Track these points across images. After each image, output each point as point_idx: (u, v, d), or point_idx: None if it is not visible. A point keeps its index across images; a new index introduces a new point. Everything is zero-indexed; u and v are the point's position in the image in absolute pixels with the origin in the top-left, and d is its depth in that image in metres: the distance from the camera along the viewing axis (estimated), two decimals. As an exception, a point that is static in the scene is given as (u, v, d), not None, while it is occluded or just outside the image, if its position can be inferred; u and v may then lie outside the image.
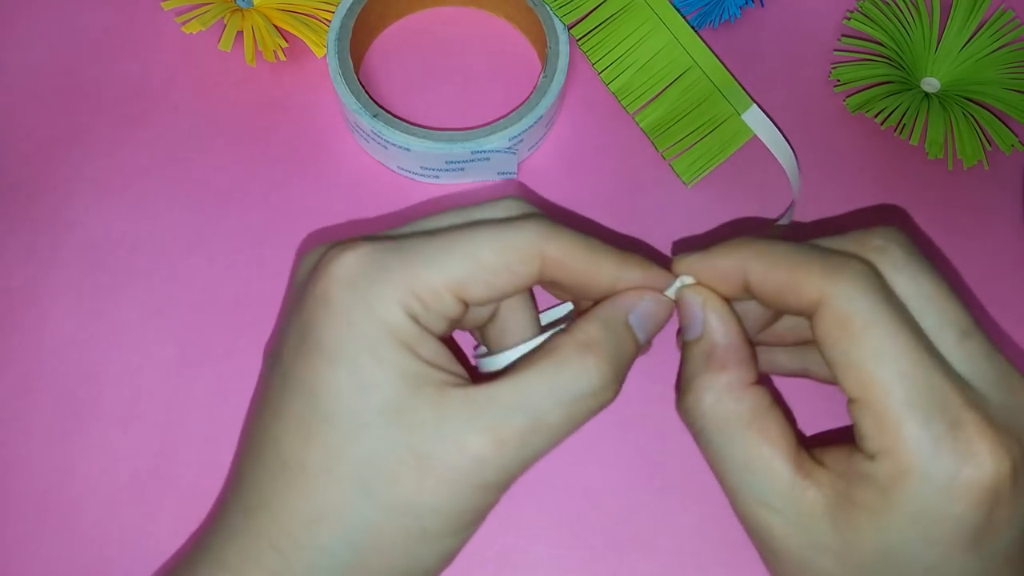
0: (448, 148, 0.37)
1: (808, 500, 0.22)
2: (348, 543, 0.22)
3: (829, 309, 0.22)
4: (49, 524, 0.33)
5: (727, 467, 0.24)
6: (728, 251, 0.25)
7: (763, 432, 0.23)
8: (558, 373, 0.23)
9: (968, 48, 0.41)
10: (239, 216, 0.38)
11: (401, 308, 0.23)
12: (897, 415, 0.21)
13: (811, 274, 0.22)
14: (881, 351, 0.21)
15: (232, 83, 0.41)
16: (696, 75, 0.40)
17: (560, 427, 0.23)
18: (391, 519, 0.22)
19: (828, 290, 0.22)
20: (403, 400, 0.22)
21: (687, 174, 0.39)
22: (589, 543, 0.33)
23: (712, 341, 0.25)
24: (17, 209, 0.38)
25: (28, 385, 0.35)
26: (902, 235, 0.24)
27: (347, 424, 0.22)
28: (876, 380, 0.21)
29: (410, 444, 0.22)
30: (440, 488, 0.22)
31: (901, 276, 0.23)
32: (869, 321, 0.21)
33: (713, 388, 0.24)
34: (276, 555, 0.23)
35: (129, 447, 0.34)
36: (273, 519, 0.23)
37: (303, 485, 0.23)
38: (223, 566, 0.23)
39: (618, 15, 0.40)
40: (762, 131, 0.40)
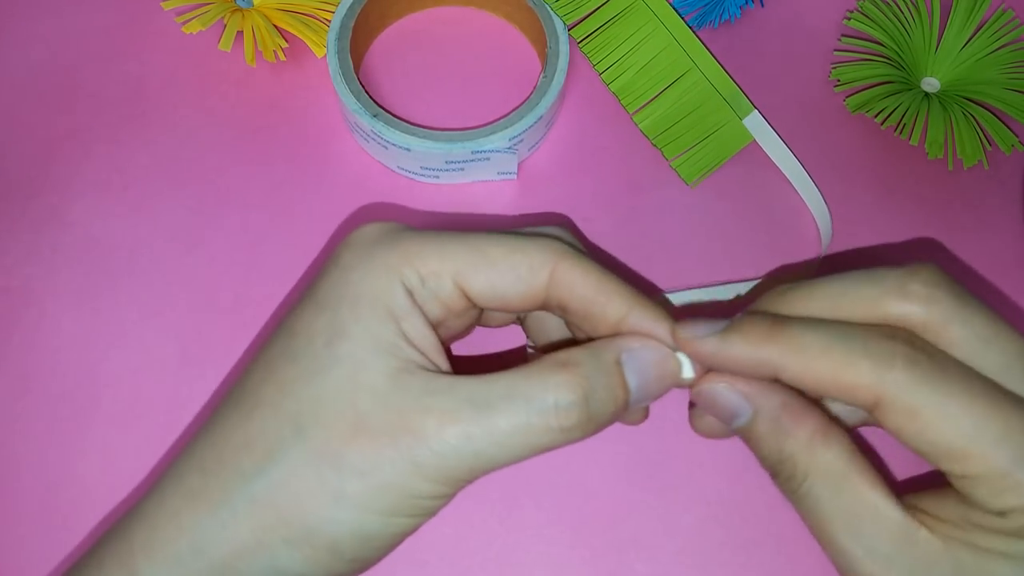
0: (448, 148, 0.37)
1: (923, 544, 0.21)
2: (266, 475, 0.22)
3: (893, 406, 0.21)
4: (49, 524, 0.33)
5: (834, 521, 0.22)
6: (751, 342, 0.22)
7: (864, 476, 0.22)
8: (523, 379, 0.22)
9: (968, 48, 0.41)
10: (239, 216, 0.38)
11: (397, 277, 0.23)
12: (1012, 476, 0.20)
13: (862, 374, 0.21)
14: (966, 428, 0.20)
15: (232, 83, 0.41)
16: (696, 77, 0.40)
17: (510, 437, 0.22)
18: (313, 465, 0.22)
19: (885, 389, 0.21)
20: (364, 359, 0.22)
21: (689, 175, 0.39)
22: (589, 543, 0.33)
23: (774, 412, 0.23)
24: (17, 209, 0.38)
25: (28, 385, 0.35)
26: (943, 276, 0.22)
27: (306, 366, 0.23)
28: (975, 456, 0.20)
29: (354, 401, 0.22)
30: (369, 450, 0.22)
31: (953, 324, 0.21)
32: (940, 404, 0.20)
33: (800, 446, 0.22)
34: (199, 475, 0.23)
35: (129, 447, 0.34)
36: (210, 442, 0.23)
37: (246, 414, 0.23)
38: (155, 488, 0.24)
39: (619, 16, 0.40)
40: (763, 138, 0.40)
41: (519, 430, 0.22)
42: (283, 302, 0.37)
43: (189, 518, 0.23)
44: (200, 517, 0.22)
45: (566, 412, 0.22)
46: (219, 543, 0.22)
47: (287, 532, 0.22)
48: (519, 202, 0.39)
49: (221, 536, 0.22)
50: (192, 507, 0.23)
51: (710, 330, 0.23)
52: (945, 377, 0.21)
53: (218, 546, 0.22)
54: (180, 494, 0.23)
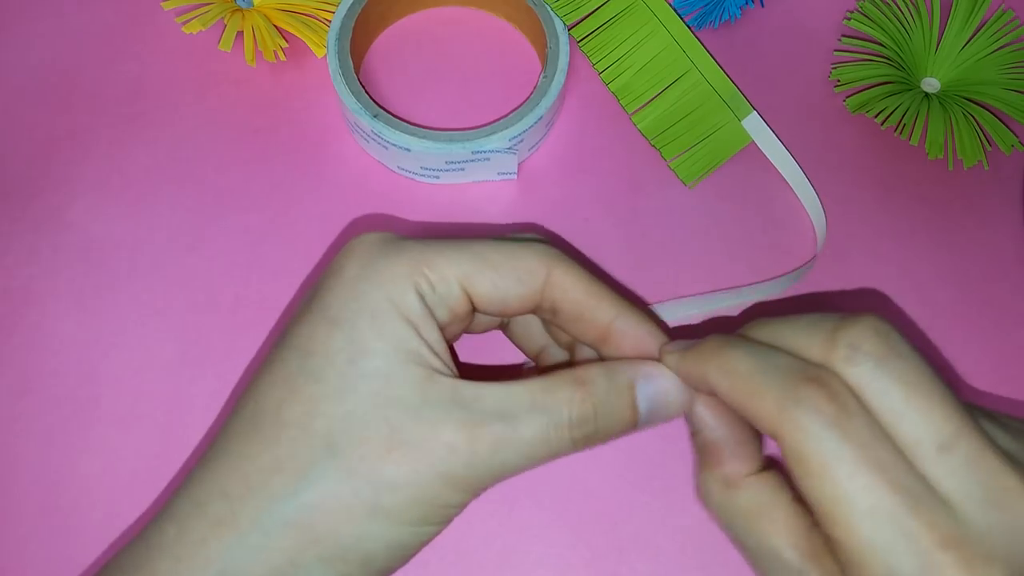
0: (448, 148, 0.37)
1: None
2: (299, 497, 0.22)
3: (786, 445, 0.21)
4: (49, 524, 0.33)
5: (744, 553, 0.23)
6: (698, 358, 0.24)
7: (768, 523, 0.22)
8: (545, 393, 0.23)
9: (968, 48, 0.41)
10: (239, 216, 0.38)
11: (410, 284, 0.24)
12: (867, 560, 0.20)
13: (766, 405, 0.21)
14: (841, 491, 0.20)
15: (232, 83, 0.41)
16: (695, 78, 0.40)
17: (532, 447, 0.23)
18: (348, 483, 0.22)
19: (783, 426, 0.21)
20: (392, 372, 0.23)
21: (687, 176, 0.39)
22: (589, 543, 0.33)
23: (704, 437, 0.24)
24: (17, 209, 0.38)
25: (28, 385, 0.35)
26: (876, 333, 0.21)
27: (333, 384, 0.23)
28: (840, 522, 0.20)
29: (387, 416, 0.22)
30: (404, 464, 0.22)
31: (870, 389, 0.21)
32: (825, 459, 0.20)
33: (713, 483, 0.24)
34: (223, 502, 0.23)
35: (129, 447, 0.34)
36: (231, 466, 0.23)
37: (272, 436, 0.23)
38: (171, 517, 0.23)
39: (618, 16, 0.40)
40: (761, 139, 0.40)
41: (540, 440, 0.23)
42: (283, 302, 0.37)
43: (217, 546, 0.22)
44: (229, 544, 0.22)
45: (579, 425, 0.24)
46: (250, 569, 0.22)
47: (321, 551, 0.22)
48: (519, 202, 0.39)
49: (253, 561, 0.22)
50: (219, 535, 0.22)
51: (683, 346, 0.24)
52: (844, 434, 0.20)
53: (249, 572, 0.22)
54: (205, 523, 0.23)
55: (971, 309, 0.37)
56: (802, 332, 0.22)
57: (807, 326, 0.22)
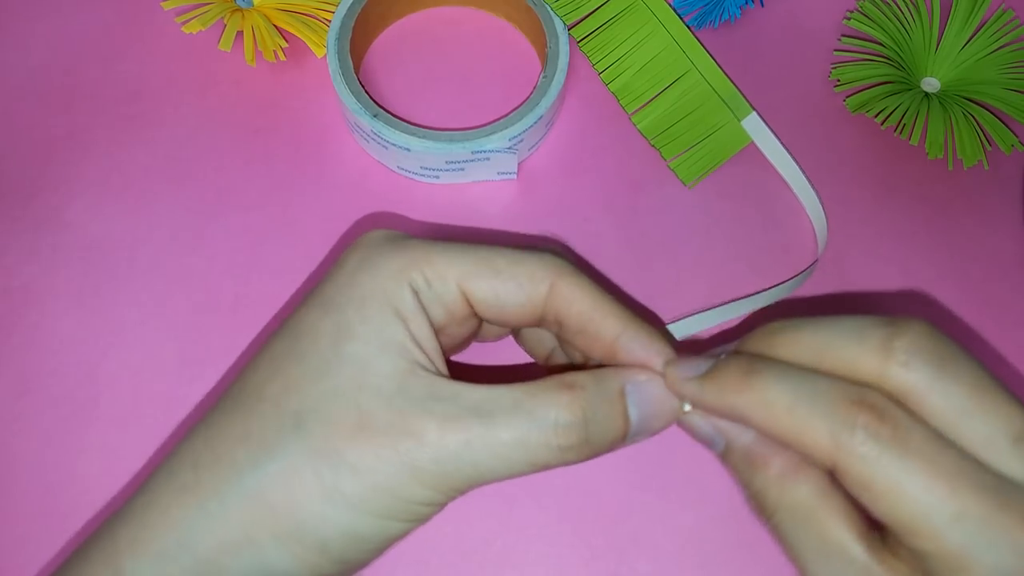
0: (448, 148, 0.37)
1: None
2: (260, 468, 0.22)
3: (848, 474, 0.20)
4: (48, 524, 0.33)
5: (803, 553, 0.22)
6: (723, 390, 0.22)
7: (832, 513, 0.22)
8: (529, 396, 0.23)
9: (968, 48, 0.41)
10: (239, 216, 0.38)
11: (404, 278, 0.23)
12: (966, 565, 0.19)
13: (818, 439, 0.20)
14: (919, 506, 0.19)
15: (232, 83, 0.41)
16: (694, 78, 0.40)
17: (508, 450, 0.22)
18: (310, 461, 0.22)
19: (840, 457, 0.20)
20: (371, 359, 0.23)
21: (687, 175, 0.39)
22: (589, 543, 0.33)
23: (740, 446, 0.23)
24: (17, 209, 0.38)
25: (28, 385, 0.35)
26: (931, 337, 0.21)
27: (313, 365, 0.23)
28: (926, 535, 0.20)
29: (359, 401, 0.22)
30: (367, 449, 0.22)
31: (932, 394, 0.20)
32: (894, 478, 0.20)
33: (769, 483, 0.22)
34: (191, 471, 0.23)
35: (129, 447, 0.34)
36: (206, 438, 0.23)
37: (247, 409, 0.23)
38: (144, 487, 0.23)
39: (618, 16, 0.40)
40: (761, 139, 0.40)
41: (518, 443, 0.22)
42: (283, 302, 0.37)
43: (177, 512, 0.22)
44: (189, 511, 0.22)
45: (565, 431, 0.23)
46: (206, 537, 0.22)
47: (276, 528, 0.22)
48: (519, 202, 0.39)
49: (208, 529, 0.22)
50: (181, 501, 0.22)
51: (695, 371, 0.23)
52: (906, 451, 0.20)
53: (205, 540, 0.22)
54: (171, 489, 0.23)
55: (971, 309, 0.37)
56: (852, 340, 0.22)
57: (855, 334, 0.22)
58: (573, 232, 0.38)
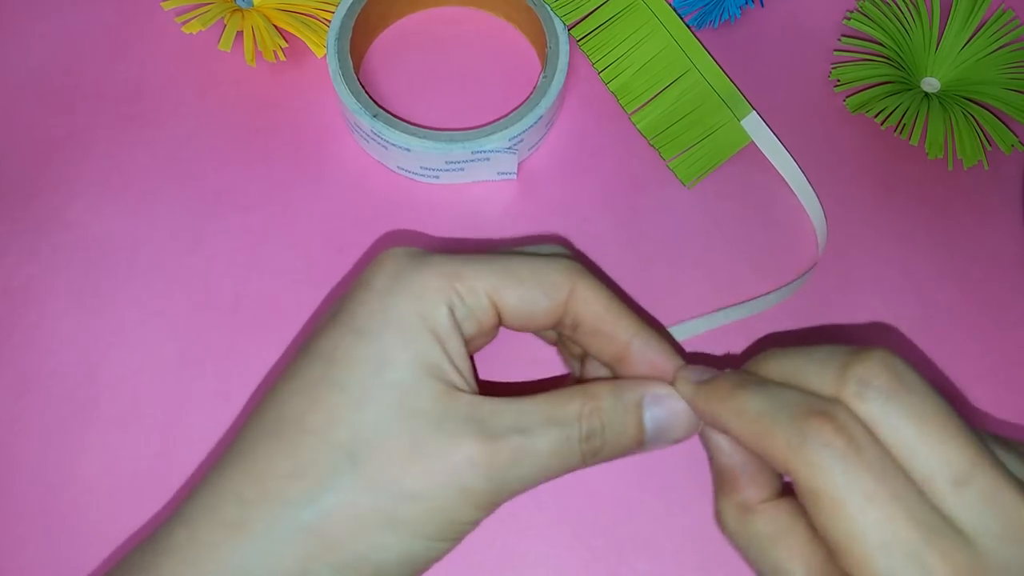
0: (448, 148, 0.37)
1: None
2: (317, 504, 0.22)
3: (799, 481, 0.21)
4: (49, 524, 0.33)
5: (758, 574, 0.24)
6: (711, 399, 0.24)
7: (784, 549, 0.23)
8: (557, 407, 0.24)
9: (968, 48, 0.41)
10: (239, 216, 0.38)
11: (441, 297, 0.24)
12: None
13: (777, 443, 0.21)
14: (855, 526, 0.20)
15: (232, 83, 0.41)
16: (694, 78, 0.40)
17: (547, 460, 0.23)
18: (366, 492, 0.22)
19: (794, 464, 0.21)
20: (414, 384, 0.23)
21: (686, 176, 0.39)
22: (589, 543, 0.33)
23: (721, 463, 0.24)
24: (17, 209, 0.38)
25: (28, 385, 0.35)
26: (886, 368, 0.21)
27: (355, 394, 0.23)
28: (855, 556, 0.20)
29: (408, 428, 0.23)
30: (424, 476, 0.22)
31: (882, 425, 0.21)
32: (837, 495, 0.20)
33: (730, 508, 0.24)
34: (237, 506, 0.22)
35: (129, 447, 0.34)
36: (247, 471, 0.23)
37: (293, 443, 0.23)
38: (183, 520, 0.23)
39: (618, 16, 0.40)
40: (760, 139, 0.40)
41: (554, 453, 0.24)
42: (283, 302, 0.37)
43: (229, 550, 0.22)
44: (242, 548, 0.22)
45: (588, 439, 0.24)
46: (261, 573, 0.22)
47: (333, 558, 0.22)
48: (519, 202, 0.39)
49: (263, 566, 0.22)
50: (232, 539, 0.22)
51: (697, 377, 0.25)
52: (855, 466, 0.20)
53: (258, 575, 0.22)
54: (216, 525, 0.23)
55: (971, 309, 0.37)
56: (813, 367, 0.22)
57: (818, 361, 0.22)
58: (573, 232, 0.38)
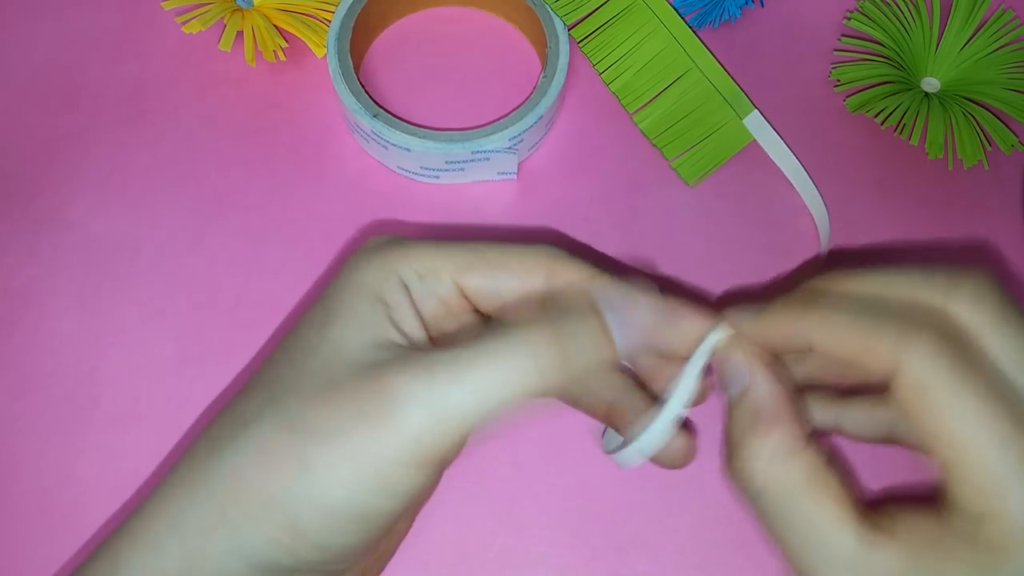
0: (448, 148, 0.37)
1: (880, 565, 0.20)
2: (236, 444, 0.22)
3: (907, 378, 0.20)
4: (49, 524, 0.33)
5: (787, 535, 0.21)
6: (790, 314, 0.23)
7: (821, 496, 0.21)
8: (500, 334, 0.22)
9: (968, 48, 0.41)
10: (239, 216, 0.38)
11: (393, 271, 0.24)
12: (1001, 480, 0.19)
13: (882, 345, 0.21)
14: (972, 419, 0.20)
15: (232, 83, 0.41)
16: (696, 77, 0.40)
17: (487, 385, 0.21)
18: (280, 431, 0.21)
19: (904, 359, 0.20)
20: (347, 340, 0.23)
21: (689, 175, 0.39)
22: (589, 543, 0.33)
23: (758, 401, 0.23)
24: (18, 209, 0.38)
25: (28, 385, 0.35)
26: (996, 285, 0.21)
27: (297, 349, 0.24)
28: (972, 448, 0.20)
29: (327, 369, 0.22)
30: (333, 411, 0.21)
31: (993, 336, 0.21)
32: (953, 387, 0.20)
33: (762, 453, 0.22)
34: (187, 463, 0.23)
35: (129, 447, 0.34)
36: (219, 419, 0.23)
37: (239, 397, 0.24)
38: (166, 480, 0.24)
39: (619, 16, 0.40)
40: (763, 137, 0.40)
41: (497, 377, 0.21)
42: (283, 302, 0.37)
43: (170, 500, 0.23)
44: (179, 497, 0.22)
45: (545, 351, 0.22)
46: (190, 520, 0.22)
47: (248, 504, 0.21)
48: (519, 202, 0.39)
49: (194, 513, 0.22)
50: (174, 490, 0.23)
51: (748, 314, 0.24)
52: (967, 367, 0.20)
53: (189, 524, 0.22)
54: (169, 481, 0.23)
55: None
56: (917, 278, 0.22)
57: (920, 273, 0.22)
58: (573, 232, 0.38)
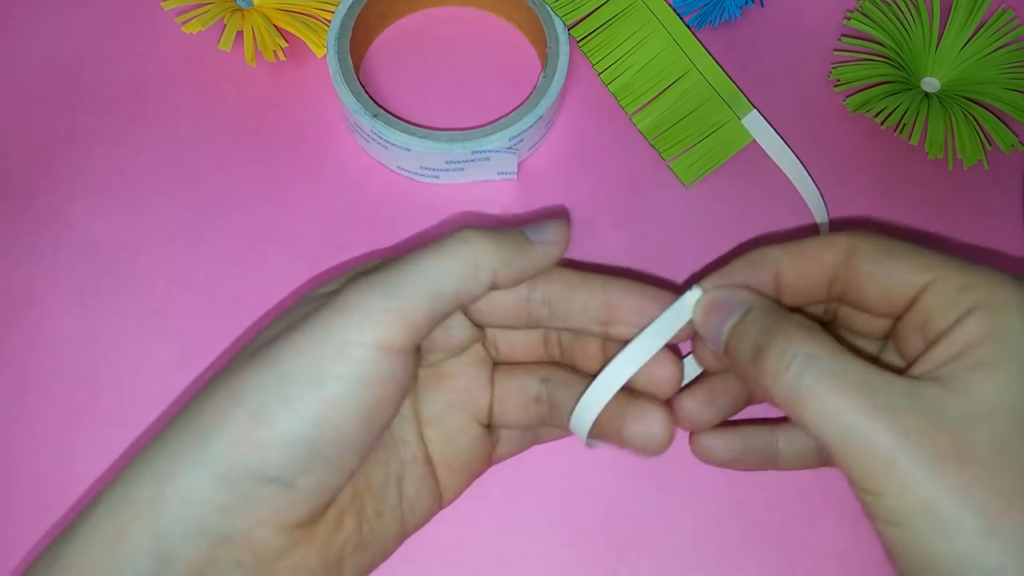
0: (448, 148, 0.37)
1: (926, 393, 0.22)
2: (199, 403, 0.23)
3: (864, 250, 0.24)
4: (49, 524, 0.33)
5: (832, 387, 0.22)
6: (749, 260, 0.26)
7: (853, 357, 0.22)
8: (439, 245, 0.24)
9: (968, 48, 0.41)
10: (239, 216, 0.38)
11: None
12: (966, 291, 0.22)
13: (837, 239, 0.25)
14: (929, 264, 0.23)
15: (232, 83, 0.41)
16: (695, 78, 0.40)
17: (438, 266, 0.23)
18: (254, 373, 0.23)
19: (858, 239, 0.25)
20: None
21: (686, 175, 0.39)
22: (589, 543, 0.33)
23: (772, 310, 0.24)
24: (17, 209, 0.38)
25: (28, 385, 0.35)
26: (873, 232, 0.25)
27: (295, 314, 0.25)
28: (935, 279, 0.23)
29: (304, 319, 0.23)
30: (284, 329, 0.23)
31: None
32: (905, 252, 0.24)
33: (795, 326, 0.23)
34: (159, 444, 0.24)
35: (129, 447, 0.34)
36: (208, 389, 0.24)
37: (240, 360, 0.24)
38: None
39: (618, 17, 0.40)
40: (762, 137, 0.40)
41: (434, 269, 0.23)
42: (282, 302, 0.37)
43: (142, 455, 0.24)
44: (153, 444, 0.24)
45: (476, 243, 0.24)
46: (163, 451, 0.23)
47: (214, 410, 0.23)
48: (519, 202, 0.39)
49: (165, 444, 0.23)
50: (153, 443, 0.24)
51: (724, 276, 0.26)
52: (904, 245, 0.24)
53: (162, 453, 0.23)
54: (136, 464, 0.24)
55: None
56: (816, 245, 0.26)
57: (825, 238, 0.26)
58: (573, 232, 0.38)
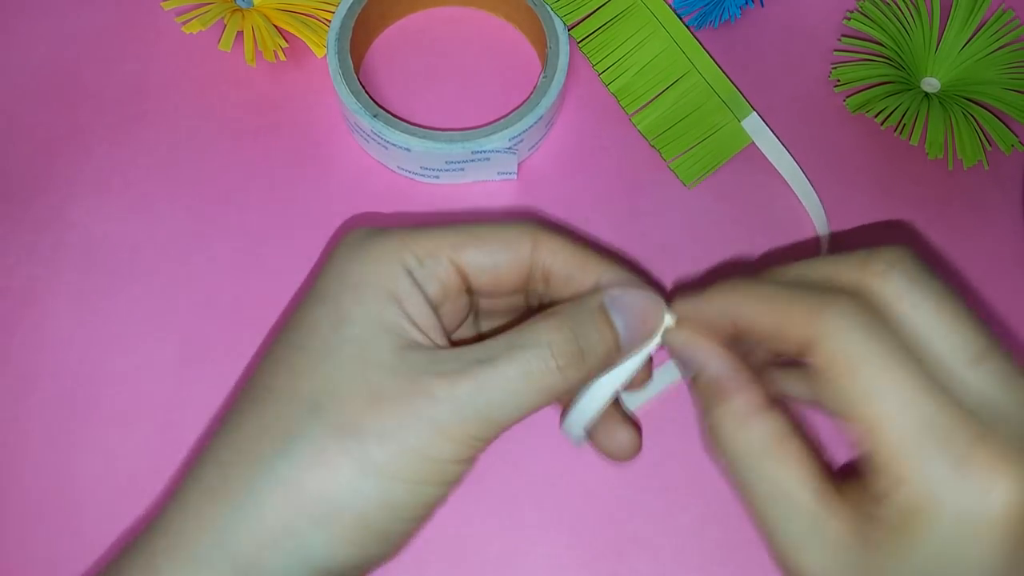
0: (448, 148, 0.37)
1: (833, 531, 0.21)
2: (287, 456, 0.22)
3: (818, 349, 0.21)
4: (49, 524, 0.33)
5: (753, 499, 0.23)
6: (716, 295, 0.25)
7: (783, 458, 0.22)
8: (519, 334, 0.24)
9: (968, 48, 0.41)
10: (239, 216, 0.38)
11: (395, 259, 0.24)
12: (899, 451, 0.20)
13: (796, 316, 0.22)
14: (875, 387, 0.20)
15: (232, 83, 0.41)
16: (694, 79, 0.40)
17: (516, 383, 0.23)
18: (334, 439, 0.22)
19: (815, 331, 0.21)
20: (372, 340, 0.23)
21: (687, 176, 0.39)
22: (589, 543, 0.33)
23: (710, 374, 0.24)
24: (17, 209, 0.38)
25: (28, 385, 0.35)
26: (908, 257, 0.23)
27: (315, 351, 0.23)
28: (873, 417, 0.20)
29: (367, 377, 0.23)
30: (387, 416, 0.22)
31: (903, 303, 0.22)
32: (859, 358, 0.21)
33: (724, 419, 0.23)
34: (216, 470, 0.23)
35: (129, 447, 0.34)
36: (225, 440, 0.23)
37: (260, 404, 0.23)
38: (173, 496, 0.23)
39: (618, 17, 0.40)
40: (761, 139, 0.40)
41: (523, 375, 0.23)
42: (283, 302, 0.37)
43: (210, 514, 0.22)
44: (221, 511, 0.22)
45: (559, 350, 0.24)
46: (243, 535, 0.22)
47: (314, 510, 0.22)
48: (519, 202, 0.39)
49: (245, 527, 0.22)
50: (212, 502, 0.22)
51: (693, 298, 0.25)
52: (878, 335, 0.21)
53: (242, 538, 0.22)
54: (200, 491, 0.23)
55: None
56: (832, 260, 0.23)
57: (837, 256, 0.23)
58: (573, 232, 0.38)
